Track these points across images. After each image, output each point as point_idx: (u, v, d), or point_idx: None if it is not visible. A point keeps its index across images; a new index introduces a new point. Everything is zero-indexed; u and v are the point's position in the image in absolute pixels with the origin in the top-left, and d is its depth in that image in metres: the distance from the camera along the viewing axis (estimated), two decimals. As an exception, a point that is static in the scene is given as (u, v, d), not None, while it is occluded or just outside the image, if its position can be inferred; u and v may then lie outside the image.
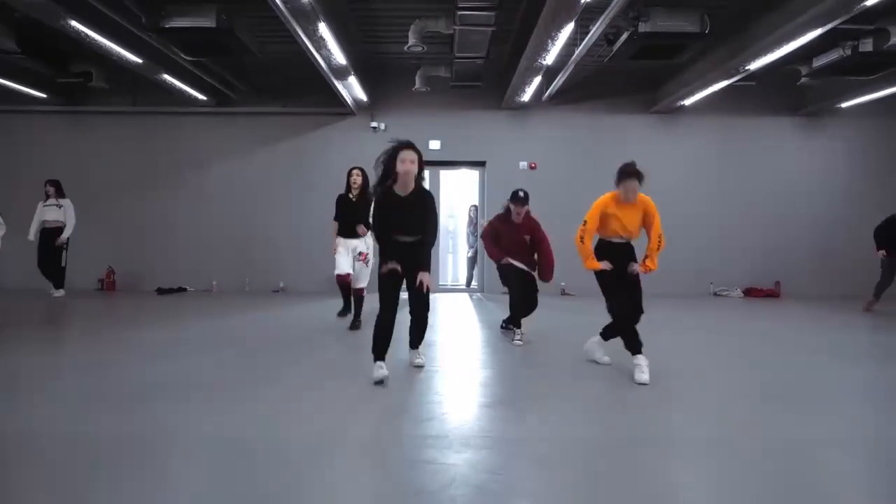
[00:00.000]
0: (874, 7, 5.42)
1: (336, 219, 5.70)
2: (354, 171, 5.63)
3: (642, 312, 3.94)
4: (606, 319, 4.06)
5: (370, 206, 5.03)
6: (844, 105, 8.94)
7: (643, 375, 3.56)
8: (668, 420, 2.97)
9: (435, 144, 9.66)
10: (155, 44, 6.79)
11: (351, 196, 5.62)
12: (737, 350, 4.95)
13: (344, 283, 5.75)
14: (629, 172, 3.81)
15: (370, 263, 5.64)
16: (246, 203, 9.82)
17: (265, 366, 4.05)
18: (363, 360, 3.91)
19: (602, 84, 9.55)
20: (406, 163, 3.48)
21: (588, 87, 9.54)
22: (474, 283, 10.32)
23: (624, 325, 3.82)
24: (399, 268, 3.55)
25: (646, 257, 3.95)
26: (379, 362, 3.51)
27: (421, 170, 3.60)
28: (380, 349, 3.55)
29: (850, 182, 9.79)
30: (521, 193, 4.97)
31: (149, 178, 9.80)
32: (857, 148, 9.78)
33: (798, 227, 9.74)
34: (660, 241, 3.95)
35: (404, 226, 3.60)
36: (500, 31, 7.48)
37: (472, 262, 10.42)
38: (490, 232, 5.19)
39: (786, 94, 9.37)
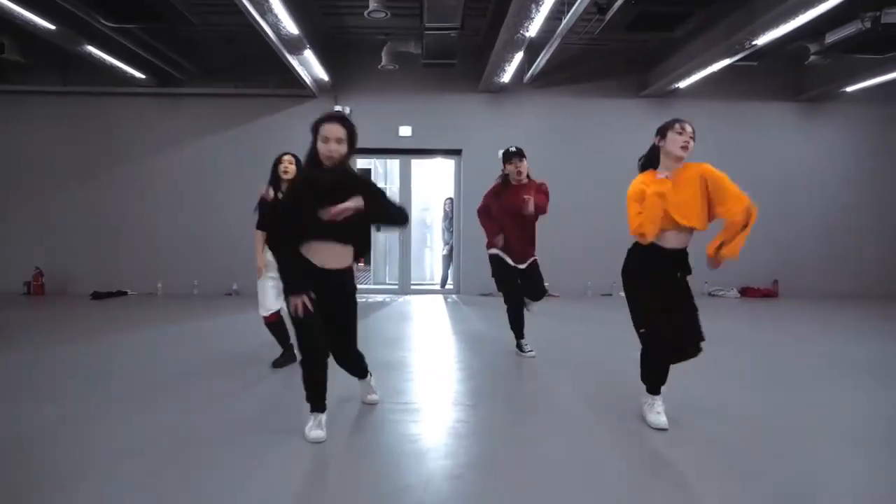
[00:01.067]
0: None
1: (262, 227, 3.92)
2: (286, 158, 4.01)
3: (702, 340, 2.78)
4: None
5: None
6: (850, 89, 8.25)
7: (660, 418, 2.76)
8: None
9: (406, 131, 8.74)
10: (71, 8, 5.74)
11: (281, 194, 3.97)
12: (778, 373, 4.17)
13: (275, 322, 4.07)
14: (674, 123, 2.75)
15: None
16: (196, 195, 8.78)
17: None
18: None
19: (589, 65, 8.74)
20: (330, 142, 2.56)
21: (573, 68, 8.73)
22: (450, 284, 9.46)
23: (657, 357, 2.77)
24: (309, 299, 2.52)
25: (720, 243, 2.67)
26: (317, 414, 2.64)
27: (352, 150, 2.65)
28: (318, 396, 2.64)
29: (852, 172, 9.15)
30: (514, 148, 4.27)
31: (83, 168, 8.70)
32: (859, 136, 9.14)
33: (798, 221, 9.07)
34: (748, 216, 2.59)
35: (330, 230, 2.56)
36: (476, 2, 6.63)
37: (448, 259, 9.55)
38: (484, 209, 4.41)
39: (788, 76, 8.67)
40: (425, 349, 4.95)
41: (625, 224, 2.82)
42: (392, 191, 9.71)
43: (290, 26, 5.91)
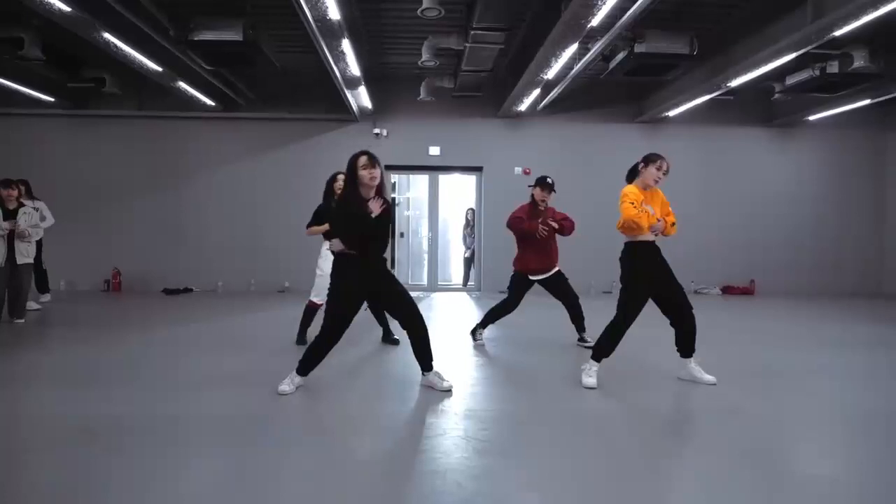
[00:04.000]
0: (841, 36, 6.14)
1: (311, 224, 4.80)
2: (340, 177, 4.53)
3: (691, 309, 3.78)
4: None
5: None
6: (812, 118, 9.76)
7: (590, 379, 3.69)
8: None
9: (435, 150, 10.13)
10: (175, 52, 7.06)
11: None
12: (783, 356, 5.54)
13: (314, 309, 5.00)
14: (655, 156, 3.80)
15: None
16: (251, 205, 10.12)
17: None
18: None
19: (592, 95, 10.16)
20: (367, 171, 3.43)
21: (579, 97, 10.15)
22: (470, 283, 10.82)
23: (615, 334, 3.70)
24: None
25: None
26: (300, 378, 3.56)
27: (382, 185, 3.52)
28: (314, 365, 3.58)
29: (817, 187, 10.66)
30: (550, 180, 4.94)
31: (155, 181, 10.02)
32: (822, 156, 10.66)
33: (772, 229, 10.54)
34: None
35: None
36: (504, 47, 8.02)
37: (469, 262, 10.92)
38: (518, 220, 4.96)
39: (760, 107, 10.16)
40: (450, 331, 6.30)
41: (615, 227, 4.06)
42: (420, 201, 11.10)
43: (356, 70, 7.28)
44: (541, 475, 2.41)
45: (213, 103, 9.27)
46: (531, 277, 5.01)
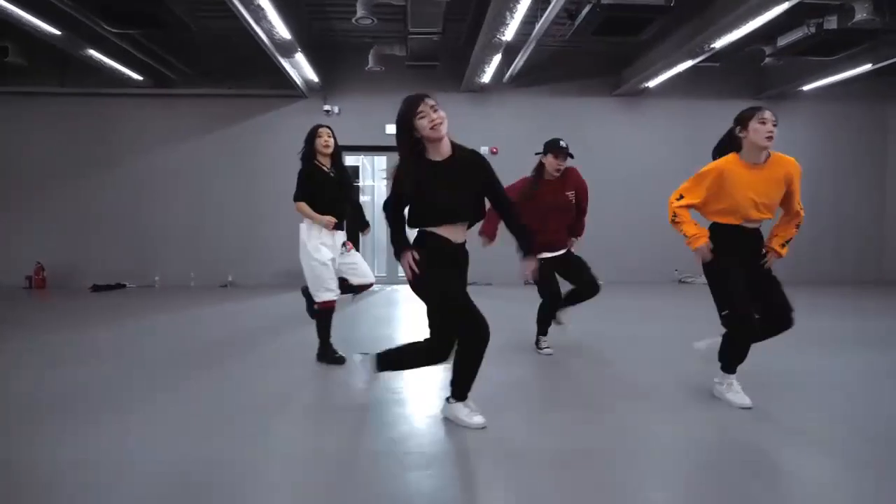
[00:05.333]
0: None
1: (305, 199, 3.74)
2: (324, 131, 3.81)
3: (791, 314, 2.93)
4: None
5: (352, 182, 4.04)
6: (807, 88, 8.84)
7: (742, 397, 2.88)
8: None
9: (393, 129, 9.14)
10: (75, 14, 6.10)
11: (325, 168, 3.80)
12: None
13: (330, 311, 3.83)
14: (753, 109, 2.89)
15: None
16: (191, 191, 9.18)
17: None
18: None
19: (565, 66, 9.24)
20: (435, 117, 2.51)
21: (550, 69, 9.23)
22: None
23: (743, 340, 2.87)
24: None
25: (773, 237, 2.97)
26: (465, 402, 2.67)
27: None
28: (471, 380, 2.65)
29: (812, 164, 9.69)
30: (563, 143, 3.99)
31: (82, 166, 9.05)
32: (818, 131, 9.75)
33: (761, 212, 9.66)
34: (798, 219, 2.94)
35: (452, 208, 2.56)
36: (456, 8, 7.07)
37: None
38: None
39: (750, 76, 9.25)
40: (410, 328, 5.41)
41: (597, 211, 3.16)
42: (380, 187, 10.17)
43: (283, 31, 6.33)
44: None
45: (139, 77, 8.29)
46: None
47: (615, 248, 8.91)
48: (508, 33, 6.40)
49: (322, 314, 3.82)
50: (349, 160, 9.71)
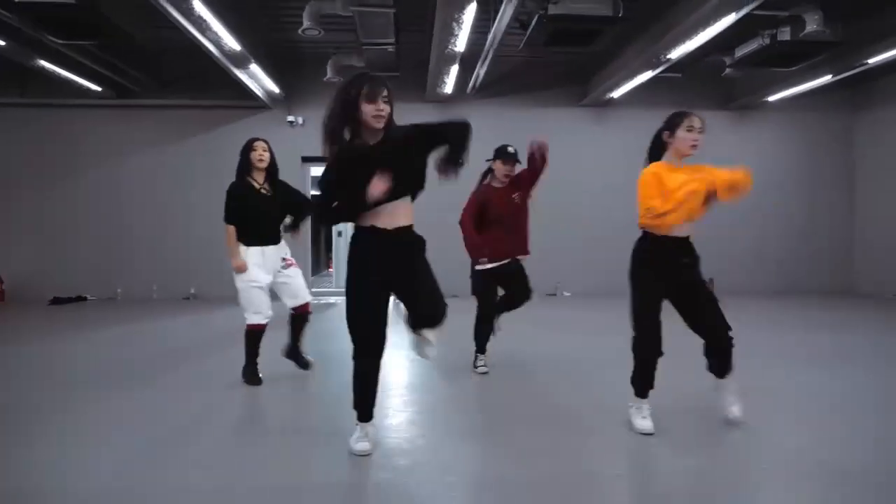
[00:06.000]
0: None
1: (233, 221, 3.61)
2: (259, 145, 3.67)
3: (729, 336, 2.75)
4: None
5: (287, 199, 3.81)
6: (772, 98, 8.80)
7: (644, 423, 2.72)
8: None
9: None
10: (15, 24, 6.01)
11: (256, 184, 3.68)
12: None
13: (260, 332, 3.72)
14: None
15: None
16: (154, 202, 9.09)
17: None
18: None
19: (531, 77, 9.20)
20: (379, 102, 2.35)
21: (517, 79, 9.19)
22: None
23: (643, 363, 2.74)
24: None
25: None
26: (362, 424, 2.56)
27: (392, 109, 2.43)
28: (368, 403, 2.56)
29: (781, 175, 9.70)
30: (511, 149, 3.90)
31: (44, 177, 8.95)
32: (786, 141, 9.72)
33: (731, 222, 9.57)
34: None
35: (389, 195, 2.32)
36: (412, 18, 7.02)
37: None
38: (469, 220, 3.85)
39: (715, 87, 9.19)
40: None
41: (564, 222, 3.05)
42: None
43: (232, 43, 6.26)
44: None
45: (98, 89, 8.21)
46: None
47: (582, 259, 8.82)
48: (460, 44, 6.33)
49: (250, 336, 3.72)
50: (313, 171, 9.67)
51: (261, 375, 3.73)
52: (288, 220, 3.85)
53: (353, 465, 2.43)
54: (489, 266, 3.87)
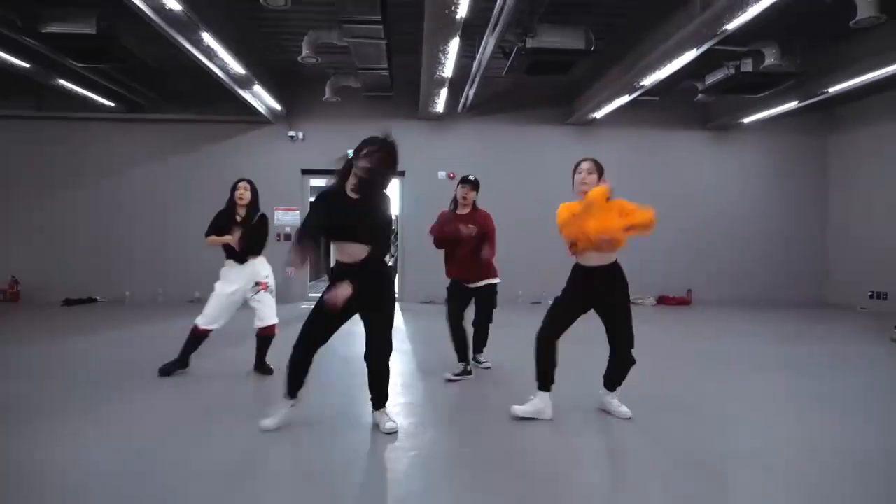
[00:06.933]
0: (746, 32, 5.68)
1: (208, 234, 4.40)
2: (241, 185, 4.40)
3: (630, 354, 3.32)
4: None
5: (263, 231, 4.43)
6: (746, 121, 9.29)
7: (523, 410, 3.31)
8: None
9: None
10: (41, 50, 6.56)
11: (240, 216, 4.38)
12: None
13: (201, 337, 4.32)
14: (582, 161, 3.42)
15: (273, 291, 4.46)
16: (162, 211, 9.60)
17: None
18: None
19: (518, 96, 9.69)
20: (363, 159, 2.94)
21: (506, 99, 9.68)
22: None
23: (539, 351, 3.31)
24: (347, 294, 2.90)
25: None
26: (289, 400, 3.13)
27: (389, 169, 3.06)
28: (296, 383, 3.11)
29: (756, 193, 10.19)
30: (472, 177, 4.40)
31: (57, 185, 9.49)
32: (762, 161, 10.20)
33: (709, 236, 10.07)
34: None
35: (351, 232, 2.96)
36: (402, 43, 7.53)
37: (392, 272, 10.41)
38: (435, 233, 4.38)
39: (692, 109, 9.69)
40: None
41: (550, 236, 3.62)
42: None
43: (237, 67, 6.78)
44: None
45: (111, 104, 8.75)
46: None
47: (567, 269, 9.28)
48: (447, 70, 6.85)
49: (192, 334, 4.27)
50: (314, 182, 10.19)
51: (272, 366, 4.32)
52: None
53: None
54: (464, 286, 4.36)
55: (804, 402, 3.91)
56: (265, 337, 4.40)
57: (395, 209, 10.19)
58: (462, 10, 5.04)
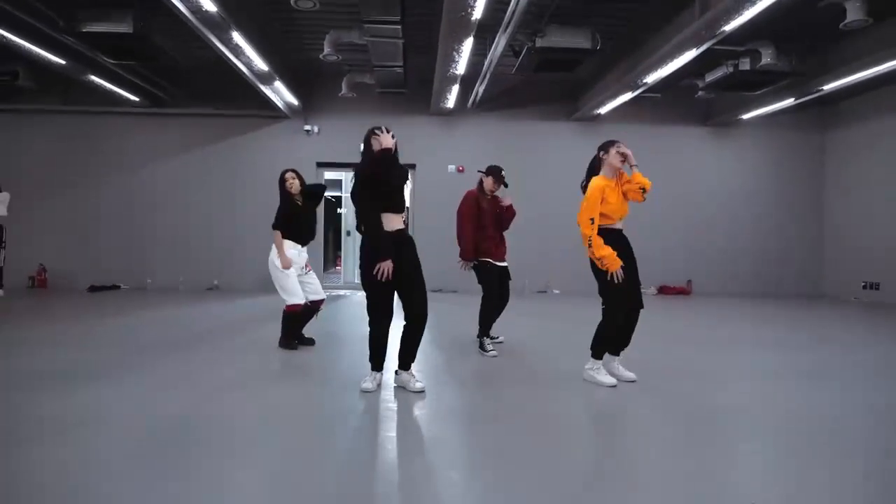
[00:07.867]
0: (742, 33, 6.04)
1: (280, 227, 4.52)
2: (288, 175, 4.58)
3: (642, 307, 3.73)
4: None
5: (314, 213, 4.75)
6: (745, 117, 9.65)
7: (627, 372, 3.68)
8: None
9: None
10: (78, 47, 6.96)
11: (297, 200, 4.61)
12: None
13: (298, 314, 4.61)
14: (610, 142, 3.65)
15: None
16: (182, 202, 10.01)
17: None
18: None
19: (526, 93, 10.05)
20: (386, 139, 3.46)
21: (514, 95, 10.04)
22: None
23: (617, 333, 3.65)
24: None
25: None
26: (376, 373, 3.44)
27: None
28: (381, 357, 3.42)
29: (755, 186, 10.55)
30: (504, 172, 4.70)
31: (82, 176, 9.91)
32: (761, 156, 10.56)
33: (709, 229, 10.43)
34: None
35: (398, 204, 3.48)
36: (417, 42, 7.91)
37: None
38: (469, 212, 4.57)
39: (693, 106, 10.04)
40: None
41: (556, 228, 3.93)
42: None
43: (261, 64, 7.17)
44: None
45: (136, 99, 9.15)
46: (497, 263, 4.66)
47: (570, 260, 9.66)
48: (460, 69, 7.22)
49: (289, 316, 4.59)
50: (328, 175, 10.58)
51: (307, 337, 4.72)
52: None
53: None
54: (497, 264, 4.66)
55: (791, 373, 4.29)
56: (315, 308, 4.76)
57: (406, 200, 10.63)
58: (477, 12, 5.41)
